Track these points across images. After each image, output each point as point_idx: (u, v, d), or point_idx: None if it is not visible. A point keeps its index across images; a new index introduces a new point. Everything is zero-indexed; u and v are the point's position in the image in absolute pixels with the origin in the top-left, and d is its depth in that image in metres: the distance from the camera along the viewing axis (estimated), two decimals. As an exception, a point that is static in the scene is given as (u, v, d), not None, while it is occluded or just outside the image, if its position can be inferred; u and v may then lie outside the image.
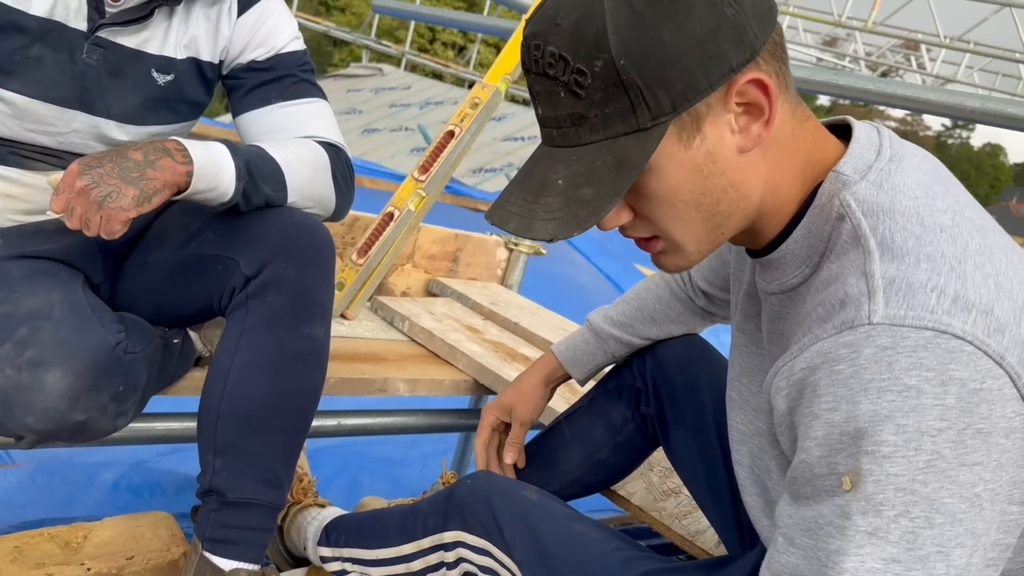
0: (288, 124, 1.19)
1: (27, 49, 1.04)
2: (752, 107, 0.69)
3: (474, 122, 1.78)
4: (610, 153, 0.68)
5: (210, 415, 1.08)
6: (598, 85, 0.65)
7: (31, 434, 0.95)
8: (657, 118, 0.66)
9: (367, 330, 1.69)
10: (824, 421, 0.64)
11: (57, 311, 0.97)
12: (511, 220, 0.71)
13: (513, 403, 1.27)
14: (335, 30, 12.60)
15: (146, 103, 1.13)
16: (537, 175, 0.72)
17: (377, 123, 9.50)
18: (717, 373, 1.18)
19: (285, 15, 1.23)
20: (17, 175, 1.10)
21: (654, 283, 1.26)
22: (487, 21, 2.46)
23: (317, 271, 1.10)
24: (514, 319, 1.88)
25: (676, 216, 0.72)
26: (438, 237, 2.02)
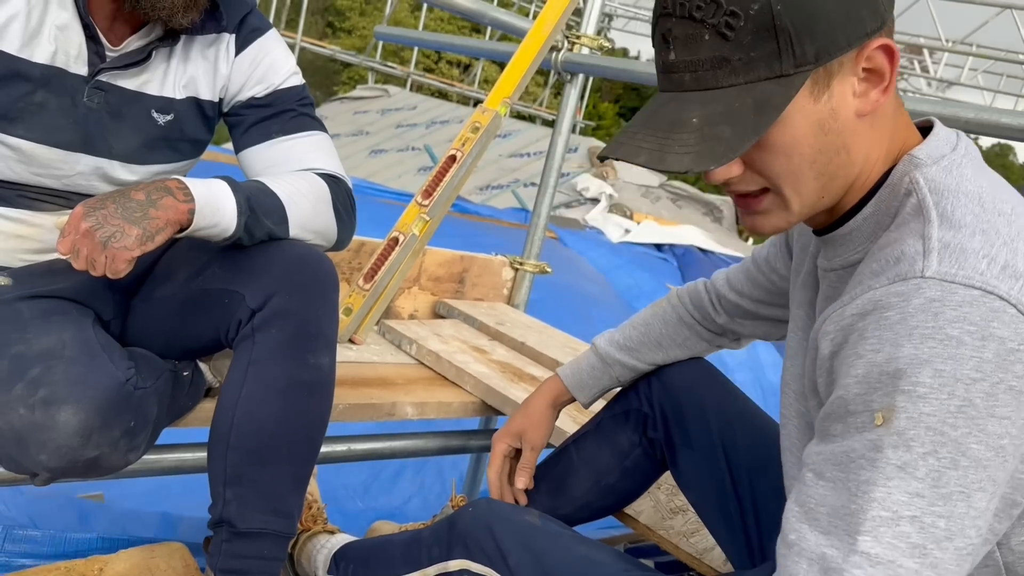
0: (289, 157, 1.21)
1: (31, 96, 1.07)
2: (873, 74, 0.73)
3: (475, 146, 1.80)
4: (750, 96, 0.71)
5: (219, 446, 1.09)
6: (750, 28, 0.69)
7: (45, 471, 0.96)
8: (801, 66, 0.70)
9: (375, 354, 1.71)
10: (866, 361, 0.68)
11: (68, 350, 0.99)
12: (640, 154, 0.73)
13: (523, 429, 1.27)
14: (340, 53, 12.72)
15: (147, 143, 1.16)
16: (666, 115, 0.74)
17: (384, 144, 9.56)
18: (723, 396, 1.20)
19: (283, 51, 1.26)
20: (26, 216, 1.12)
21: (661, 308, 1.27)
22: (487, 45, 2.49)
23: (321, 302, 1.12)
24: (521, 339, 1.89)
25: (791, 170, 0.75)
26: (444, 259, 2.04)
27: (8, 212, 1.11)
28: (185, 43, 1.17)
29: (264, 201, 1.10)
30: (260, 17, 1.25)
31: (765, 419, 1.20)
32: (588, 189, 8.21)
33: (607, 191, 8.17)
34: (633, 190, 8.73)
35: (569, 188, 8.25)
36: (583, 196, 8.16)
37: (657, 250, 6.16)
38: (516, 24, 2.10)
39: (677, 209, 8.84)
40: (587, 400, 1.29)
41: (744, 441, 1.16)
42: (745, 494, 1.13)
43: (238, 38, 1.21)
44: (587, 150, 9.21)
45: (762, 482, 1.11)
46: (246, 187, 1.09)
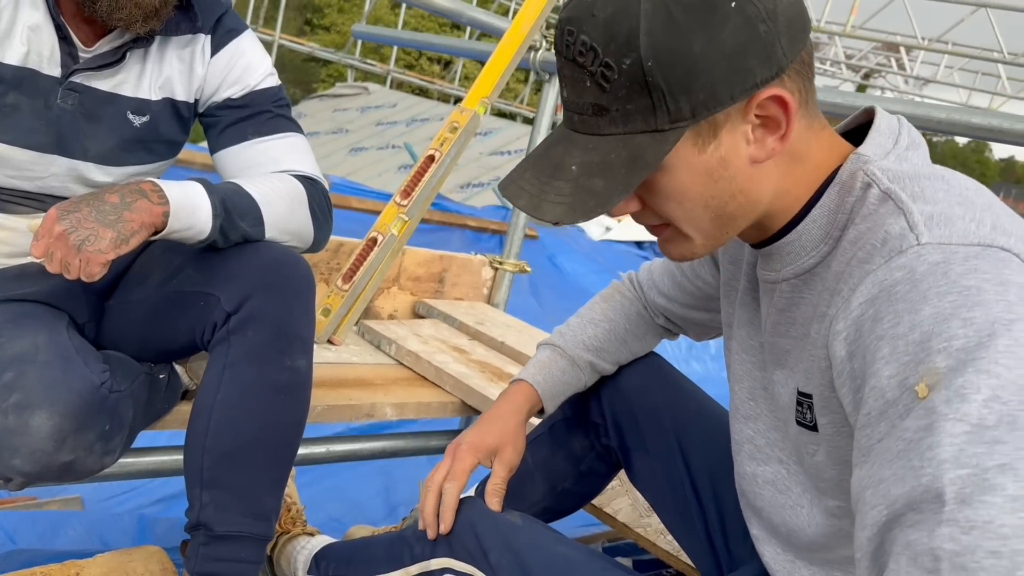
0: (265, 159, 1.21)
1: (3, 98, 1.06)
2: (770, 121, 0.71)
3: (454, 146, 1.80)
4: (625, 148, 0.70)
5: (196, 450, 1.09)
6: (623, 82, 0.68)
7: (19, 476, 0.96)
8: (676, 122, 0.69)
9: (354, 355, 1.71)
10: (889, 339, 0.63)
11: (42, 354, 0.98)
12: (522, 197, 0.74)
13: (500, 446, 1.09)
14: (319, 50, 12.64)
15: (122, 144, 1.15)
16: (553, 158, 0.74)
17: (364, 142, 9.52)
18: (677, 396, 1.18)
19: (259, 52, 1.25)
20: (1, 219, 1.11)
21: (618, 302, 1.22)
22: (466, 44, 2.49)
23: (297, 304, 1.12)
24: (500, 338, 1.89)
25: (684, 213, 0.75)
26: (423, 259, 2.04)
27: None
28: (160, 44, 1.16)
29: (239, 203, 1.10)
30: (236, 18, 1.25)
31: (725, 418, 1.17)
32: (569, 187, 8.22)
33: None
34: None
35: (550, 186, 8.25)
36: (564, 194, 8.17)
37: (638, 247, 6.18)
38: (494, 24, 2.10)
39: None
40: (553, 409, 1.19)
41: (702, 442, 1.13)
42: (707, 496, 1.11)
43: (214, 39, 1.20)
44: (568, 148, 9.22)
45: (724, 483, 1.08)
46: (221, 189, 1.09)
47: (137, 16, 1.05)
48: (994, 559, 0.53)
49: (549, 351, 1.19)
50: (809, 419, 0.79)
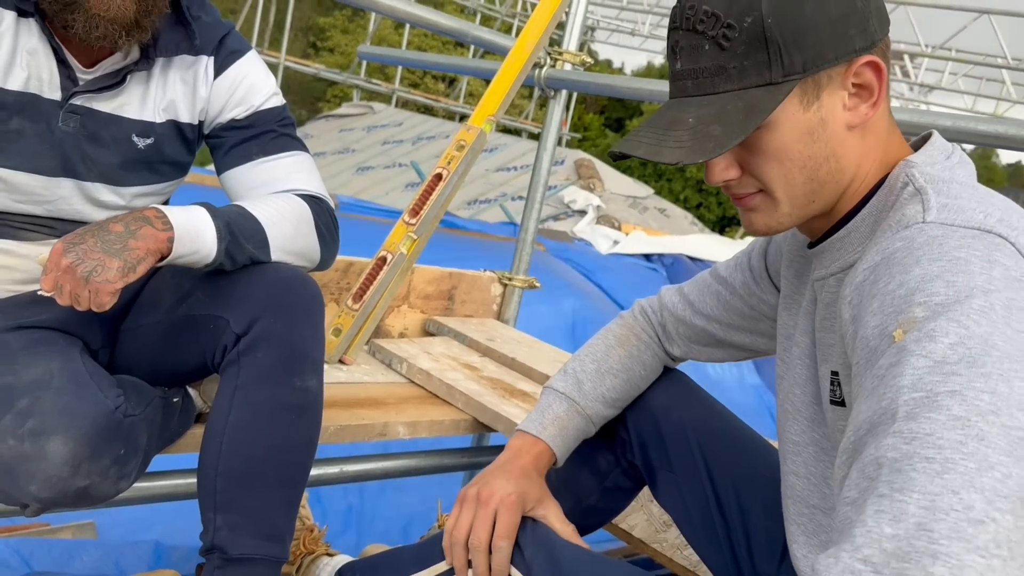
0: (270, 179, 1.22)
1: (7, 123, 1.07)
2: (863, 90, 0.79)
3: (461, 164, 1.81)
4: (741, 100, 0.77)
5: (208, 473, 1.09)
6: (743, 39, 0.76)
7: (35, 502, 0.96)
8: (788, 75, 0.76)
9: (366, 374, 1.71)
10: (879, 295, 0.70)
11: (56, 380, 0.98)
12: (639, 147, 0.80)
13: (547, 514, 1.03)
14: (325, 71, 12.74)
15: (127, 165, 1.16)
16: (667, 117, 0.81)
17: (370, 161, 9.58)
18: (703, 413, 1.17)
19: (262, 72, 1.26)
20: (11, 246, 1.12)
21: (635, 346, 1.19)
22: (471, 63, 2.51)
23: (306, 324, 1.12)
24: (511, 354, 1.89)
25: (782, 173, 0.81)
26: (432, 277, 2.04)
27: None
28: (163, 67, 1.17)
29: (244, 225, 1.10)
30: (238, 39, 1.25)
31: (750, 435, 1.18)
32: (576, 201, 8.24)
33: (594, 203, 8.20)
34: (620, 201, 8.77)
35: (556, 201, 8.28)
36: (571, 208, 8.19)
37: (646, 260, 6.18)
38: (498, 42, 2.12)
39: (665, 219, 8.88)
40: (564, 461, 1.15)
41: (728, 460, 1.13)
42: (732, 514, 1.10)
43: (216, 60, 1.21)
44: (573, 162, 9.25)
45: (750, 500, 1.09)
46: (225, 212, 1.09)
47: (115, 32, 1.04)
48: (926, 464, 0.59)
49: (565, 405, 1.15)
50: (838, 395, 0.83)
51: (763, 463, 1.10)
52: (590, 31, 14.22)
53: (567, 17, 2.14)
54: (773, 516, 1.02)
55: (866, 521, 0.59)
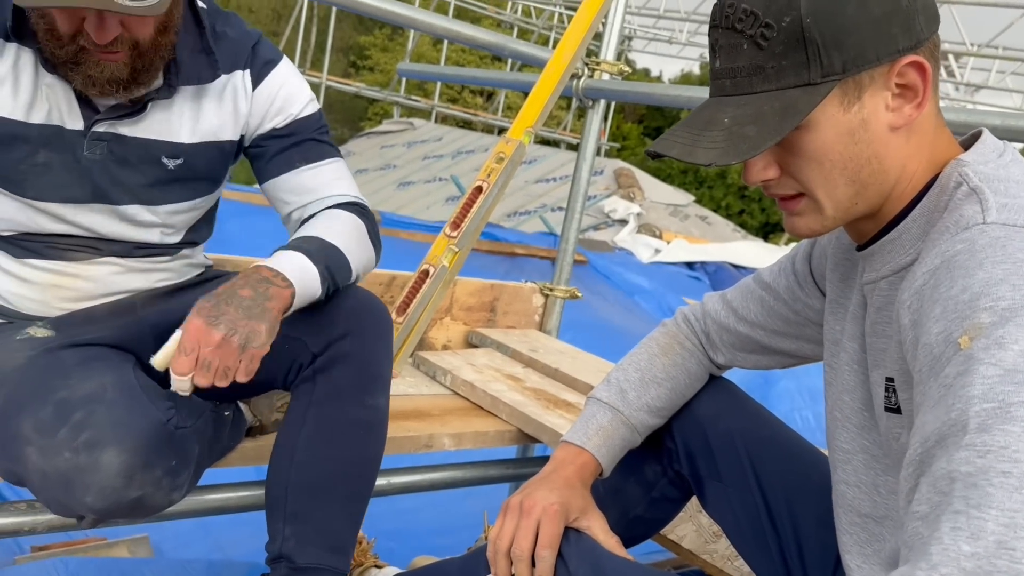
0: (315, 185, 1.24)
1: (33, 157, 1.07)
2: (908, 91, 0.77)
3: (500, 176, 1.82)
4: (778, 101, 0.76)
5: (279, 484, 1.13)
6: (781, 39, 0.75)
7: (91, 513, 0.99)
8: (827, 76, 0.75)
9: (411, 386, 1.73)
10: (942, 300, 0.68)
11: (109, 393, 1.01)
12: (674, 148, 0.80)
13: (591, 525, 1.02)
14: (365, 89, 12.94)
15: (158, 185, 1.17)
16: (704, 116, 0.80)
17: (411, 176, 9.68)
18: (751, 422, 1.15)
19: (297, 80, 1.26)
20: (59, 267, 1.14)
21: (679, 355, 1.18)
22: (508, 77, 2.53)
23: (378, 344, 1.17)
24: (554, 365, 1.89)
25: (823, 175, 0.79)
26: (474, 289, 2.06)
27: (40, 263, 1.13)
28: (193, 94, 1.16)
29: (336, 260, 1.13)
30: (269, 47, 1.25)
31: (800, 443, 1.16)
32: (616, 211, 8.22)
33: (635, 212, 8.17)
34: (661, 209, 8.72)
35: (596, 211, 8.26)
36: (611, 218, 8.17)
37: (688, 268, 6.13)
38: (536, 55, 2.13)
39: (707, 226, 8.80)
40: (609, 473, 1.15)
41: (778, 469, 1.11)
42: (784, 524, 1.08)
43: (252, 72, 1.21)
44: (613, 172, 9.24)
45: (802, 510, 1.07)
46: (318, 252, 1.11)
47: (112, 88, 1.04)
48: (1003, 478, 0.57)
49: (609, 415, 1.14)
50: (894, 402, 0.82)
51: (814, 472, 1.08)
52: (627, 40, 14.20)
53: (604, 27, 2.14)
54: (825, 526, 1.00)
55: (942, 538, 0.58)
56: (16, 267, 1.13)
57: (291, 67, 1.26)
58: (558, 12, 13.52)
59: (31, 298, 1.14)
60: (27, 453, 0.97)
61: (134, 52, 1.02)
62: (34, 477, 0.98)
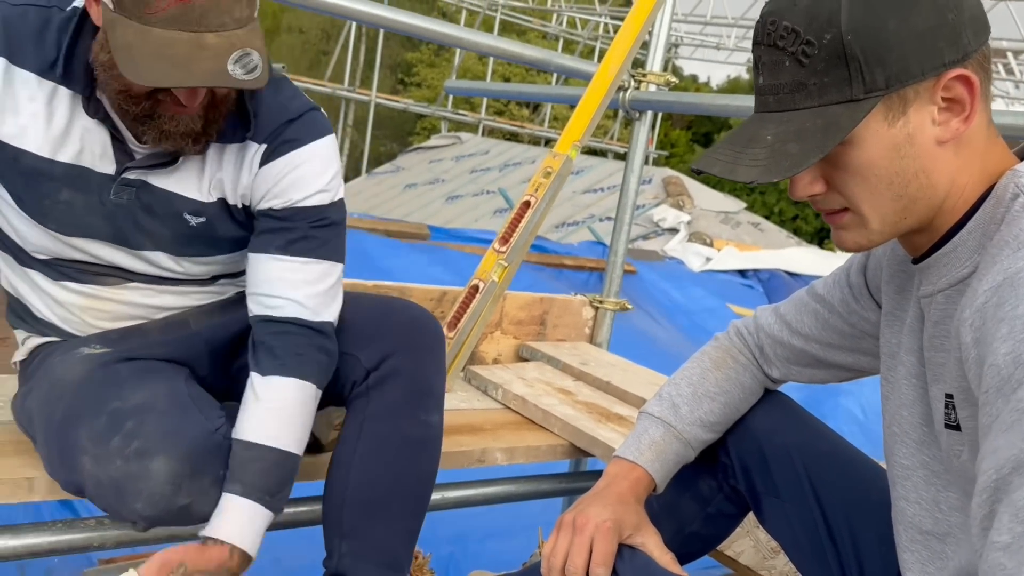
0: (276, 278, 1.14)
1: (57, 194, 1.07)
2: (955, 104, 0.76)
3: (548, 190, 1.83)
4: (820, 118, 0.76)
5: (336, 499, 1.15)
6: (822, 56, 0.75)
7: (142, 519, 1.02)
8: (870, 92, 0.75)
9: (462, 400, 1.74)
10: (1008, 320, 0.67)
11: (161, 403, 1.04)
12: (715, 165, 0.81)
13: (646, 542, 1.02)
14: (413, 105, 13.10)
15: (180, 239, 1.15)
16: (747, 133, 0.81)
17: (459, 189, 9.75)
18: (809, 436, 1.13)
19: (318, 166, 1.15)
20: (93, 290, 1.16)
21: (732, 369, 1.16)
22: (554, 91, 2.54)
23: (431, 361, 1.19)
24: (605, 378, 1.88)
25: (868, 190, 0.79)
26: (524, 302, 2.06)
27: (75, 286, 1.15)
28: (218, 148, 1.13)
29: (280, 475, 1.10)
30: (306, 126, 1.15)
31: (859, 457, 1.13)
32: (665, 219, 8.16)
33: (685, 220, 8.09)
34: (712, 217, 8.62)
35: (646, 220, 8.21)
36: (660, 227, 8.10)
37: (741, 276, 6.04)
38: (581, 68, 2.13)
39: (759, 233, 8.66)
40: (664, 488, 1.14)
41: (838, 484, 1.09)
42: (844, 541, 1.06)
43: (267, 149, 1.13)
44: (661, 180, 9.17)
45: (862, 526, 1.04)
46: (266, 480, 1.07)
47: (183, 142, 1.04)
48: None
49: (662, 430, 1.13)
50: (953, 419, 0.80)
51: (874, 487, 1.06)
52: (674, 48, 14.12)
53: (650, 36, 2.14)
54: (887, 543, 0.98)
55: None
56: (54, 289, 1.16)
57: (319, 150, 1.15)
58: (603, 22, 13.52)
59: (71, 318, 1.18)
60: (83, 462, 1.01)
61: (208, 104, 1.03)
62: (89, 484, 1.02)
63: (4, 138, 1.04)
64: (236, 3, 0.94)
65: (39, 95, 1.04)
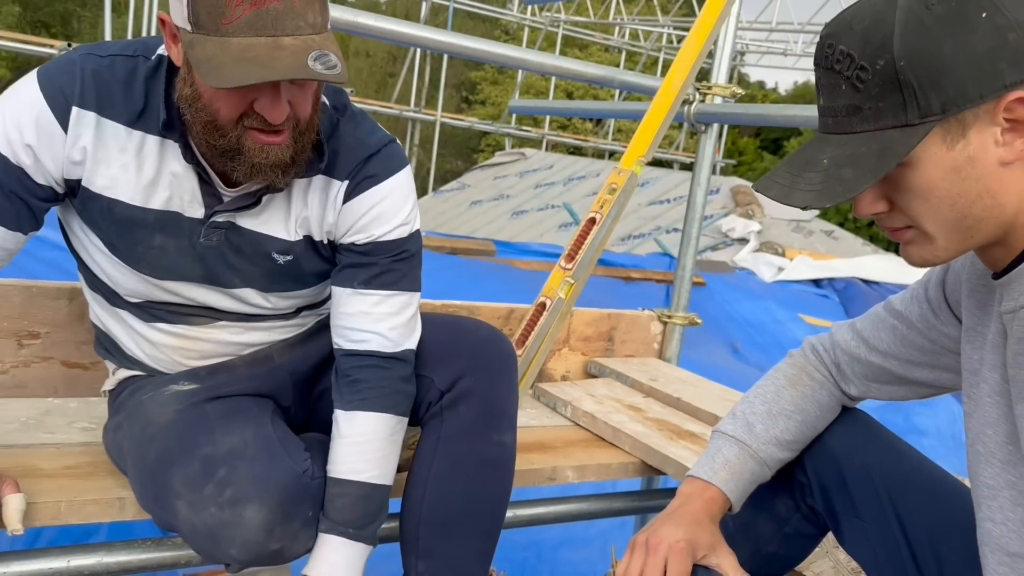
0: (358, 312, 1.17)
1: (150, 240, 1.11)
2: (1020, 125, 0.74)
3: (614, 207, 1.83)
4: (876, 142, 0.76)
5: (412, 519, 1.17)
6: (876, 81, 0.75)
7: (236, 563, 1.06)
8: (925, 117, 0.74)
9: (532, 418, 1.75)
10: None
11: (250, 448, 1.07)
12: (773, 188, 0.82)
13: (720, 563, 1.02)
14: (478, 123, 13.25)
15: (269, 276, 1.18)
16: (806, 155, 0.82)
17: (524, 205, 9.80)
18: (889, 455, 1.10)
19: (398, 199, 1.17)
20: (183, 330, 1.20)
21: (808, 386, 1.15)
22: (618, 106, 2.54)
23: (504, 381, 1.20)
24: (676, 394, 1.86)
25: (930, 210, 0.78)
26: (591, 319, 2.06)
27: (166, 327, 1.20)
28: (303, 186, 1.14)
29: (367, 507, 1.13)
30: (384, 161, 1.17)
31: (942, 476, 1.10)
32: (734, 230, 8.02)
33: (754, 229, 7.94)
34: (783, 226, 8.44)
35: (714, 231, 8.09)
36: (729, 237, 7.97)
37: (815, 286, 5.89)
38: (645, 84, 2.13)
39: (833, 241, 8.43)
40: (739, 508, 1.13)
41: (920, 504, 1.06)
42: (927, 562, 1.03)
43: (350, 185, 1.15)
44: (729, 190, 9.02)
45: (947, 548, 1.01)
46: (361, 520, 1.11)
47: (274, 174, 1.04)
48: None
49: (736, 449, 1.12)
50: None
51: (959, 508, 1.02)
52: (739, 56, 13.92)
53: (715, 47, 2.12)
54: (972, 564, 0.95)
55: None
56: (146, 330, 1.20)
57: (397, 184, 1.17)
58: (666, 33, 13.43)
59: (161, 357, 1.22)
60: (178, 506, 1.05)
61: (295, 132, 1.03)
62: (184, 529, 1.06)
63: (98, 189, 1.07)
64: (309, 7, 0.94)
65: (129, 145, 1.06)
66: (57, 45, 7.68)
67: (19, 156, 1.03)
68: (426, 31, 1.80)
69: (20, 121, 1.02)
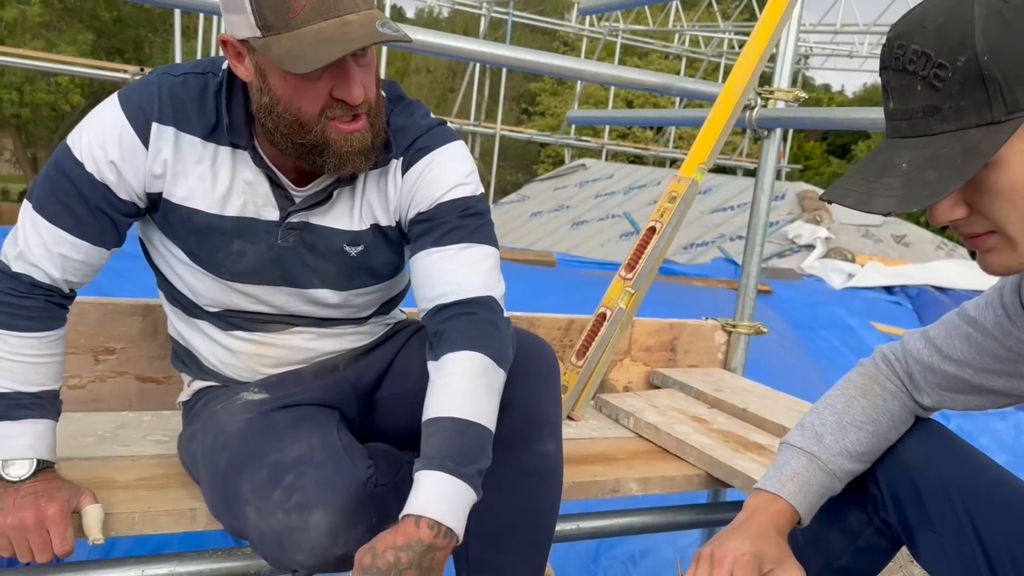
0: (438, 271, 1.16)
1: (229, 246, 1.16)
2: None
3: (674, 215, 1.81)
4: (959, 142, 0.73)
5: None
6: (958, 78, 0.72)
7: (303, 568, 1.07)
8: (1013, 113, 0.71)
9: (594, 429, 1.73)
10: None
11: (316, 455, 1.09)
12: (849, 196, 0.77)
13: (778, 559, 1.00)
14: (537, 135, 13.29)
15: (343, 272, 1.21)
16: (880, 161, 0.78)
17: (585, 215, 9.77)
18: (965, 466, 1.06)
19: (452, 162, 1.19)
20: (259, 338, 1.24)
21: (879, 396, 1.12)
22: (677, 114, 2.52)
23: (544, 389, 1.18)
24: (742, 405, 1.82)
25: (1016, 212, 0.75)
26: (653, 329, 2.04)
27: (243, 335, 1.24)
28: (365, 176, 1.19)
29: (463, 443, 1.05)
30: (435, 135, 1.20)
31: (1021, 487, 1.05)
32: (801, 236, 7.84)
33: (822, 235, 7.75)
34: (852, 232, 8.21)
35: (780, 237, 7.92)
36: (796, 244, 7.79)
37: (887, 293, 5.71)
38: (705, 90, 2.10)
39: (904, 248, 8.16)
40: (809, 521, 1.10)
41: (999, 517, 1.01)
42: None
43: (404, 160, 1.19)
44: (796, 195, 8.83)
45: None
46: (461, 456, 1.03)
47: (359, 160, 1.10)
48: None
49: (804, 460, 1.09)
50: None
51: None
52: (803, 59, 13.64)
53: (777, 51, 2.08)
54: None
55: None
56: (224, 338, 1.25)
57: (450, 151, 1.20)
58: (727, 38, 13.26)
59: (238, 365, 1.26)
60: (247, 512, 1.07)
61: (370, 116, 1.09)
62: (253, 535, 1.08)
63: (178, 200, 1.13)
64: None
65: (205, 157, 1.12)
66: (130, 70, 8.02)
67: (104, 173, 1.09)
68: (484, 45, 1.81)
69: (104, 140, 1.08)
